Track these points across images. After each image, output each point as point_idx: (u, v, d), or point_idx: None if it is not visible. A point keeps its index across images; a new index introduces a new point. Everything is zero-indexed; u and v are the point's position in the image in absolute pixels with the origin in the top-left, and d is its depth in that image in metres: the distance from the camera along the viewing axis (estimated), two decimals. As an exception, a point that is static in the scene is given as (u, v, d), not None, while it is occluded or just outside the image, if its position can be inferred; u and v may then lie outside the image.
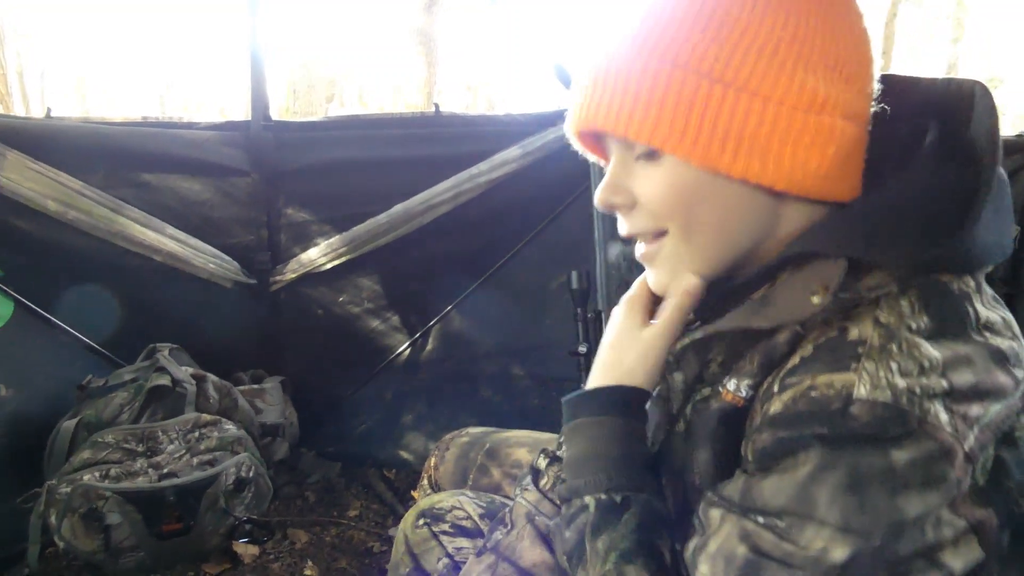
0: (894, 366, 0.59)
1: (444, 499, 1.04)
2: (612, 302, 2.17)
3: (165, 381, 2.03)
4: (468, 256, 2.43)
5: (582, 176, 2.23)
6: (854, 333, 0.62)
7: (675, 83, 0.66)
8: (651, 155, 0.70)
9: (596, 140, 0.78)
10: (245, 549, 2.01)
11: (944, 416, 0.58)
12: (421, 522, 1.01)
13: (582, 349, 2.18)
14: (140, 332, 2.21)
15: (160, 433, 1.95)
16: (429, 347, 2.54)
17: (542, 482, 1.01)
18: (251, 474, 2.03)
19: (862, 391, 0.59)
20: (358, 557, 2.07)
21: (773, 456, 0.62)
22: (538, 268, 2.42)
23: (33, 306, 2.07)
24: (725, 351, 0.73)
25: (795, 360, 0.65)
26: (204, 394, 2.10)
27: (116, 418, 1.97)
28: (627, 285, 0.81)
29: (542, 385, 2.45)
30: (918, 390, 0.58)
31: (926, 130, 0.68)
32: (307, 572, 1.97)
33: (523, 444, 1.20)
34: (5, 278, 2.02)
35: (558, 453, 1.04)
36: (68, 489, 1.82)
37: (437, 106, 2.37)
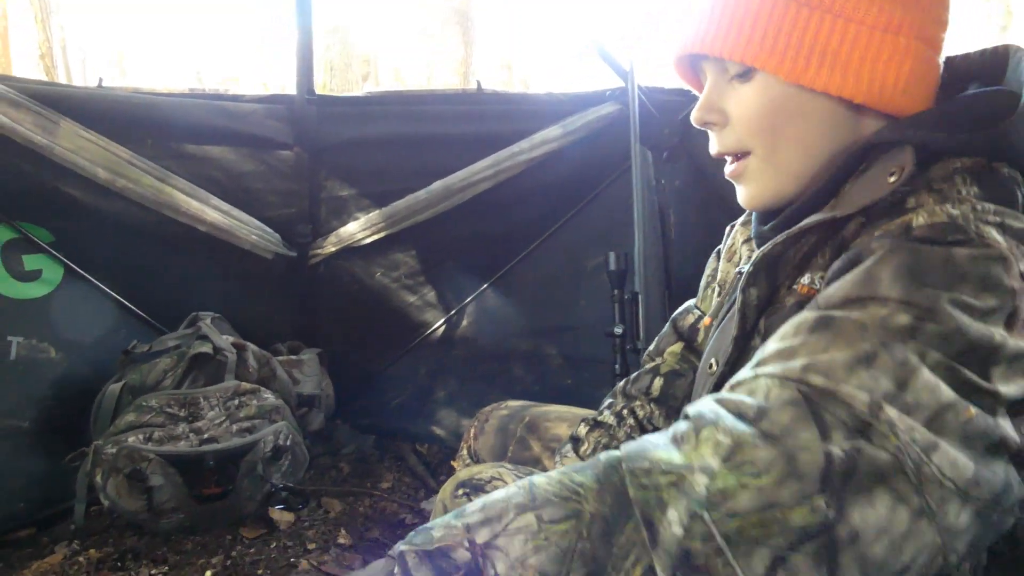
0: (948, 205, 0.65)
1: (484, 470, 1.05)
2: (650, 284, 2.19)
3: (207, 349, 2.07)
4: (505, 235, 2.44)
5: (622, 157, 2.24)
6: (911, 202, 0.68)
7: (766, 7, 0.74)
8: (744, 75, 0.78)
9: (692, 70, 0.86)
10: (281, 515, 2.06)
11: (999, 235, 0.62)
12: (460, 492, 1.03)
13: (617, 330, 2.20)
14: (183, 300, 2.25)
15: (201, 399, 1.99)
16: (464, 324, 2.55)
17: (582, 448, 1.03)
18: (288, 442, 2.06)
19: (920, 220, 0.64)
20: (390, 528, 2.10)
21: (837, 271, 0.66)
22: (575, 249, 2.42)
23: (82, 271, 2.12)
24: (799, 256, 0.77)
25: (860, 238, 0.69)
26: (244, 363, 2.14)
27: (159, 383, 2.02)
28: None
29: (575, 366, 2.46)
30: (972, 216, 0.63)
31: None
32: (340, 540, 2.01)
33: (563, 419, 1.21)
34: (55, 243, 2.07)
35: (598, 419, 1.05)
36: (113, 450, 1.88)
37: (479, 83, 2.36)
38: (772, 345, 0.64)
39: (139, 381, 2.02)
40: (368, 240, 2.36)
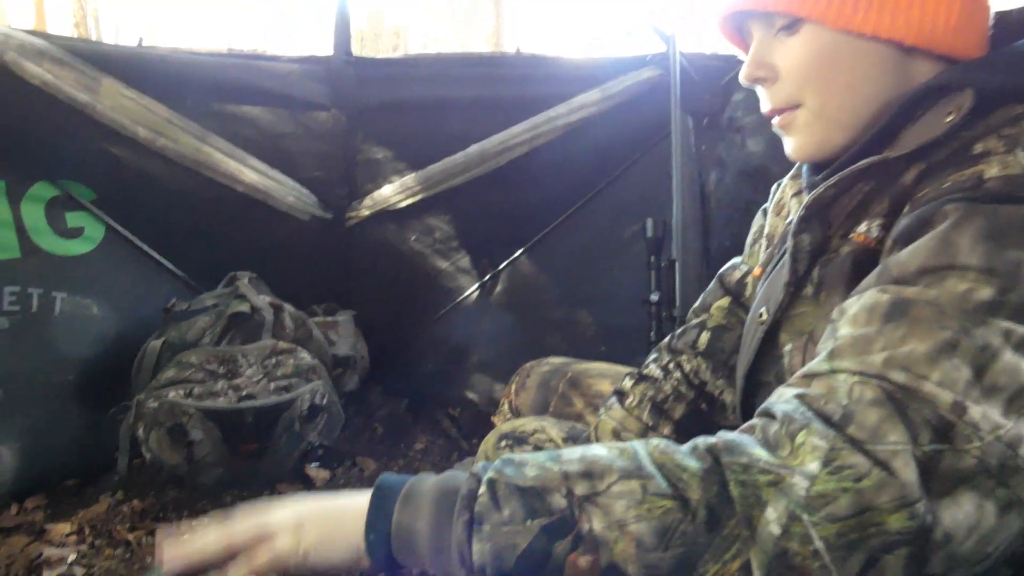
0: (1020, 154, 0.63)
1: (527, 423, 1.05)
2: (687, 251, 2.16)
3: (244, 308, 2.09)
4: (541, 200, 2.42)
5: (661, 124, 2.21)
6: (979, 148, 0.66)
7: None
8: (790, 27, 0.77)
9: (737, 31, 0.85)
10: (317, 473, 2.09)
11: None
12: (503, 443, 1.03)
13: (653, 298, 2.18)
14: (220, 260, 2.27)
15: (240, 357, 2.01)
16: (497, 291, 2.55)
17: (627, 401, 1.02)
18: (324, 402, 2.09)
19: (993, 171, 0.62)
20: (424, 488, 2.13)
21: (908, 231, 0.64)
22: (612, 216, 2.40)
23: (122, 230, 2.14)
24: (853, 204, 0.76)
25: (924, 188, 0.67)
26: (280, 323, 2.15)
27: (198, 340, 2.05)
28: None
29: (609, 333, 2.45)
30: None
31: None
32: (375, 499, 2.03)
33: (606, 376, 1.20)
34: (97, 201, 2.10)
35: (644, 373, 1.04)
36: (155, 404, 1.91)
37: (518, 48, 2.34)
38: (845, 331, 0.62)
39: (179, 338, 2.05)
40: (403, 204, 2.36)
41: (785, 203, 0.95)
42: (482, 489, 0.62)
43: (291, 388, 2.04)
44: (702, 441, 0.61)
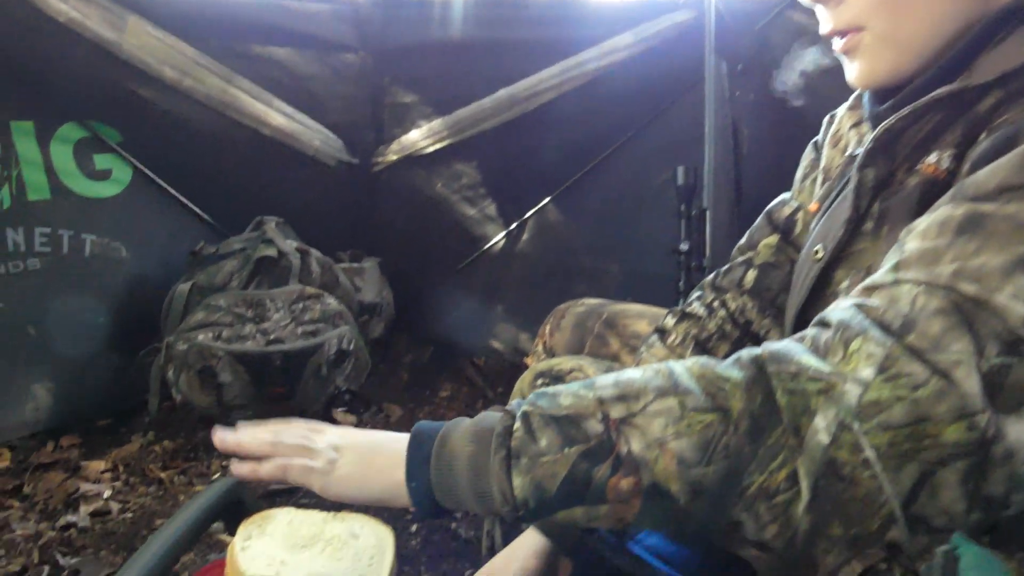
0: None
1: (564, 361, 1.04)
2: (718, 200, 2.12)
3: (272, 252, 2.08)
4: (570, 147, 2.38)
5: (695, 69, 2.14)
6: None
7: None
8: None
9: None
10: (344, 418, 2.10)
11: None
12: (540, 382, 1.02)
13: (683, 247, 2.15)
14: (246, 204, 2.26)
15: (267, 301, 2.02)
16: (524, 239, 2.53)
17: (670, 340, 1.00)
18: (351, 347, 2.09)
19: None
20: (450, 434, 2.14)
21: (987, 154, 0.61)
22: (641, 163, 2.36)
23: (149, 173, 2.13)
24: (921, 135, 0.72)
25: (1003, 115, 0.64)
26: (307, 268, 2.15)
27: (226, 284, 2.05)
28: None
29: (637, 283, 2.42)
30: None
31: None
32: (401, 443, 2.04)
33: (643, 316, 1.18)
34: (124, 144, 2.09)
35: (687, 310, 1.02)
36: (185, 347, 1.92)
37: (548, -12, 2.28)
38: (913, 244, 0.59)
39: (207, 282, 2.05)
40: (431, 149, 2.33)
41: (843, 135, 0.91)
42: (517, 424, 0.61)
43: (318, 333, 2.04)
44: (746, 352, 0.59)
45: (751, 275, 1.01)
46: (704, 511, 0.56)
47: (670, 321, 1.02)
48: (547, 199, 2.47)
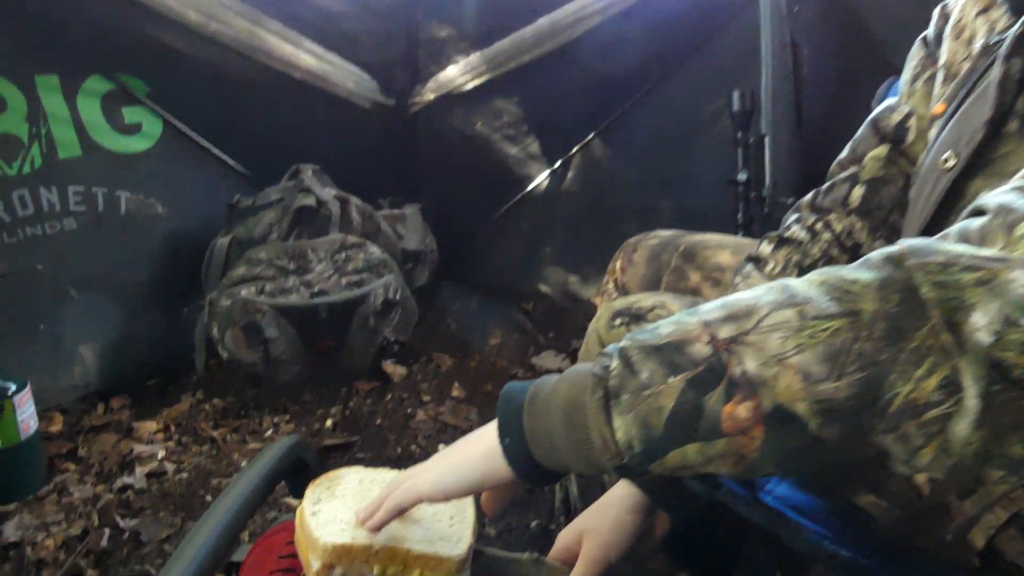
0: None
1: (643, 298, 0.94)
2: (778, 125, 1.99)
3: (310, 202, 2.01)
4: (615, 77, 2.24)
5: (748, -14, 1.99)
6: None
7: None
8: None
9: None
10: (394, 369, 2.04)
11: None
12: (618, 321, 0.93)
13: (741, 177, 2.03)
14: (280, 153, 2.18)
15: (309, 252, 1.95)
16: (569, 177, 2.42)
17: (767, 268, 0.91)
18: (398, 296, 2.02)
19: None
20: (503, 382, 2.05)
21: None
22: (693, 90, 2.21)
23: (180, 125, 2.05)
24: None
25: None
26: (347, 216, 2.07)
27: (266, 236, 1.98)
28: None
29: (690, 219, 2.28)
30: None
31: None
32: (454, 393, 1.98)
33: (724, 246, 1.08)
34: (151, 95, 2.00)
35: (786, 235, 0.92)
36: (228, 303, 1.86)
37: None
38: None
39: (246, 235, 1.99)
40: (469, 86, 2.21)
41: (967, 25, 0.79)
42: (614, 362, 0.53)
43: (363, 283, 1.97)
44: (876, 253, 0.50)
45: (858, 192, 0.90)
46: (839, 437, 0.47)
47: (767, 248, 0.92)
48: (592, 134, 2.35)
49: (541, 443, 0.58)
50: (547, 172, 2.41)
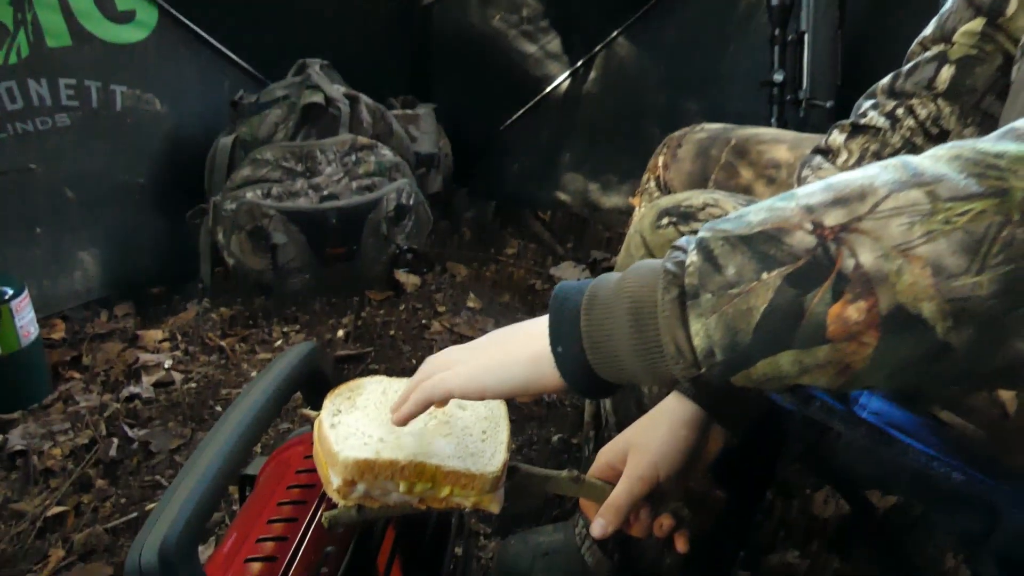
0: None
1: (693, 196, 0.84)
2: (819, 21, 1.84)
3: (318, 99, 1.88)
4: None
5: None
6: None
7: None
8: None
9: None
10: (407, 278, 1.96)
11: None
12: (665, 221, 0.83)
13: (777, 77, 1.90)
14: (285, 47, 2.05)
15: (318, 152, 1.84)
16: (592, 78, 2.27)
17: (841, 159, 0.80)
18: (411, 202, 1.92)
19: None
20: (520, 293, 1.99)
21: None
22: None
23: (176, 13, 1.91)
24: None
25: None
26: (357, 116, 1.95)
27: (272, 136, 1.87)
28: None
29: (721, 121, 2.18)
30: None
31: None
32: (470, 304, 1.91)
33: (781, 140, 0.97)
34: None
35: (862, 123, 0.81)
36: (233, 206, 1.77)
37: None
38: None
39: (250, 134, 1.87)
40: (486, -25, 2.05)
41: None
42: (692, 256, 0.45)
43: (374, 188, 1.87)
44: (1022, 121, 0.41)
45: (946, 73, 0.79)
46: (971, 343, 0.39)
47: (838, 137, 0.81)
48: (616, 32, 2.19)
49: (601, 351, 0.50)
50: (568, 73, 2.26)
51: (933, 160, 0.41)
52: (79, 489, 1.32)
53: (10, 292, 1.45)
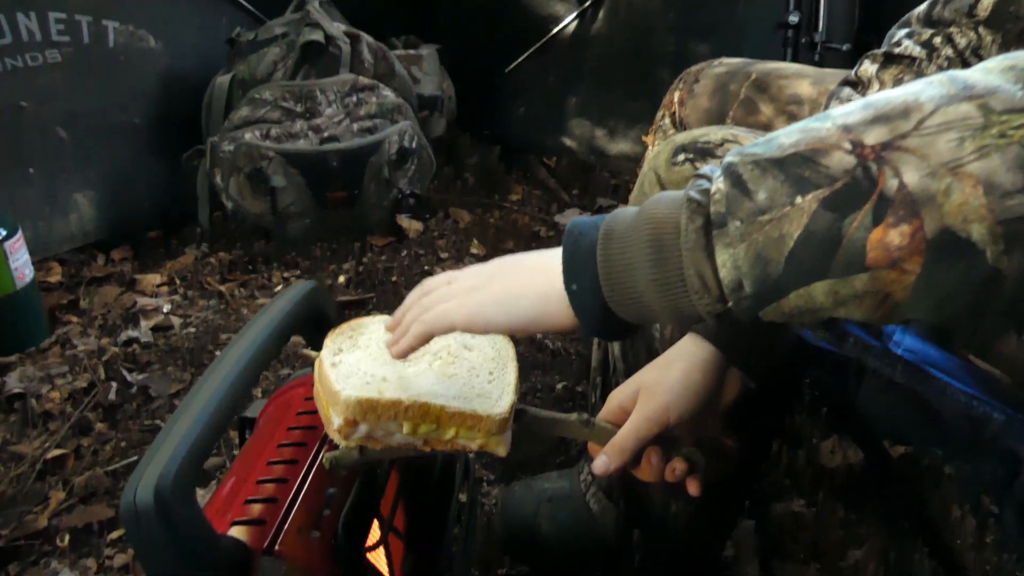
0: None
1: (711, 131, 0.80)
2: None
3: (318, 37, 1.82)
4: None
5: None
6: None
7: None
8: None
9: None
10: (410, 224, 1.92)
11: None
12: (681, 158, 0.79)
13: (792, 19, 1.83)
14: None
15: (318, 92, 1.78)
16: (599, 19, 2.20)
17: (872, 91, 0.76)
18: (414, 145, 1.87)
19: None
20: (524, 240, 1.96)
21: None
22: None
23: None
24: None
25: None
26: (358, 56, 1.89)
27: (270, 75, 1.81)
28: None
29: (731, 67, 2.11)
30: None
31: None
32: (473, 250, 1.87)
33: (803, 76, 0.93)
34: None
35: (896, 52, 0.76)
36: (231, 147, 1.72)
37: None
38: None
39: (248, 73, 1.81)
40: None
41: None
42: (717, 182, 0.42)
43: (376, 130, 1.82)
44: None
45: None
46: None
47: (869, 68, 0.76)
48: (627, -31, 2.11)
49: (618, 288, 0.47)
50: (575, 13, 2.19)
51: (984, 72, 0.38)
52: (78, 432, 1.31)
53: (3, 233, 1.42)
